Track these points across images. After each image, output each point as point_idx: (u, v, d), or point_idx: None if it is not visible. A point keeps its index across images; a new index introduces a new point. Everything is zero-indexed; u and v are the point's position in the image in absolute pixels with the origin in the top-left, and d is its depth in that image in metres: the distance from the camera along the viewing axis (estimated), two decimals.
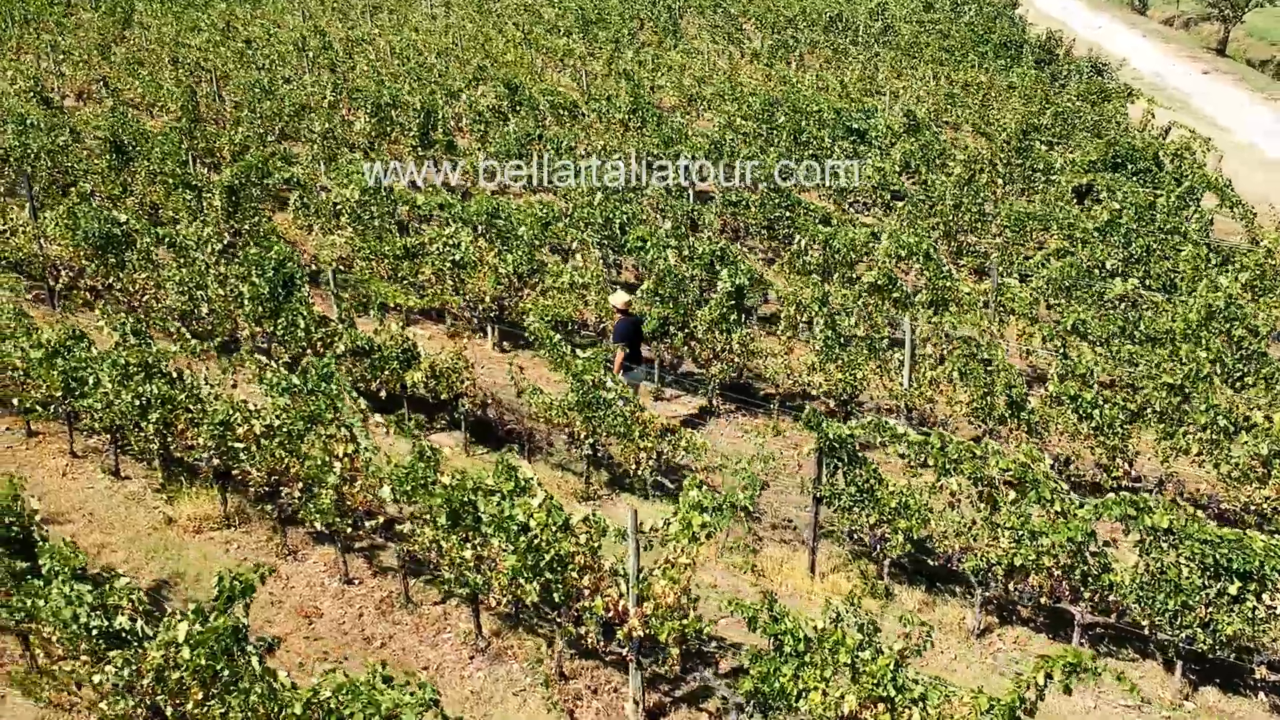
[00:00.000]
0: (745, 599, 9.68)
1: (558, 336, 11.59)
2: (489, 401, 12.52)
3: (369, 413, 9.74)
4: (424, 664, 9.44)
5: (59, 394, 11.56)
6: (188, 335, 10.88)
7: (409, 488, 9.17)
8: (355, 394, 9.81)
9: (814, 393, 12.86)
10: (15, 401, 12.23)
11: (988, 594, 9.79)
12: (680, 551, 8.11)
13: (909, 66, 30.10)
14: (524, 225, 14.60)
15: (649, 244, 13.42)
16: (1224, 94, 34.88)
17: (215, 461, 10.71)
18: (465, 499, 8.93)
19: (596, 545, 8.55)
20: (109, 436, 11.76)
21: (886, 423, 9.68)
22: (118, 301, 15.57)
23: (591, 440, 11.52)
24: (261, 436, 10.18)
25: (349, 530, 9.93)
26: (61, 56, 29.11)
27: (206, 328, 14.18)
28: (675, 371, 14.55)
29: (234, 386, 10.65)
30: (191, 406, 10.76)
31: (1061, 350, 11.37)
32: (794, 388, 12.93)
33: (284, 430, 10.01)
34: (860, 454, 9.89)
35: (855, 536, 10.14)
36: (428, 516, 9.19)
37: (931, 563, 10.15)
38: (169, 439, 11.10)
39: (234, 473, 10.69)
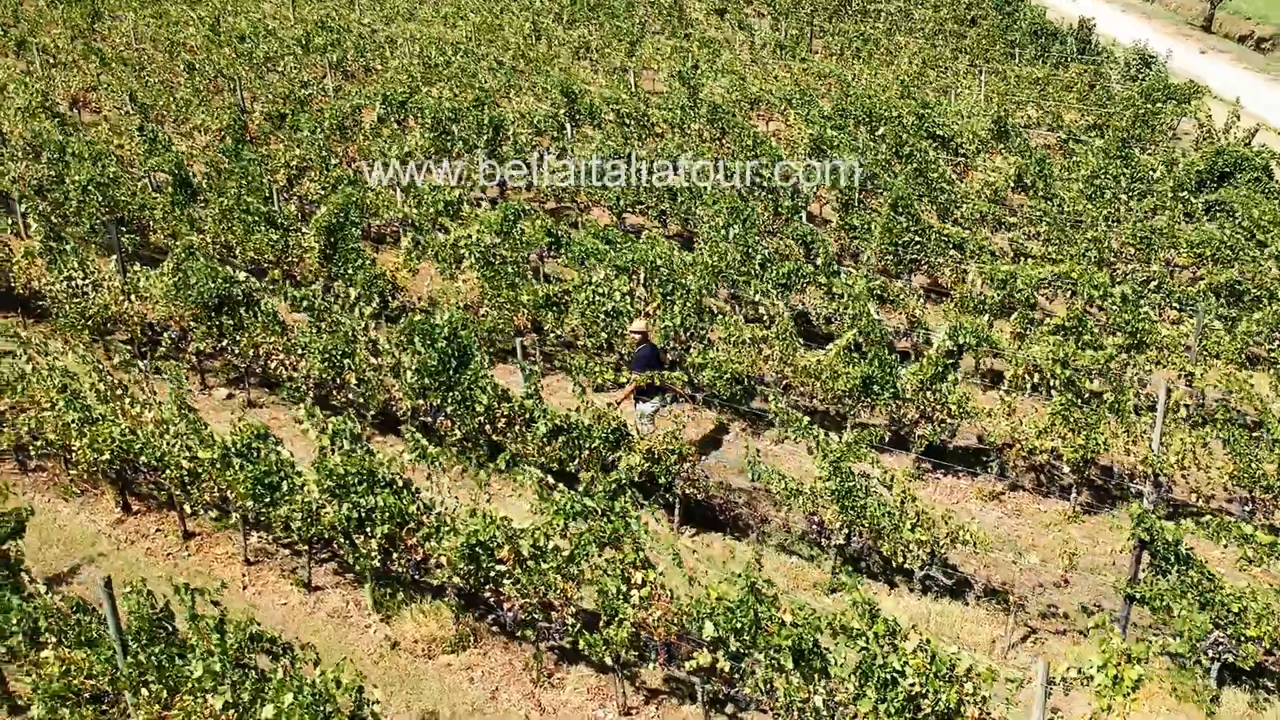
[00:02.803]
0: None
1: (806, 419, 10.59)
2: (713, 488, 11.44)
3: (671, 536, 8.66)
4: None
5: (248, 502, 10.22)
6: (421, 439, 9.60)
7: (739, 625, 8.17)
8: (647, 507, 8.71)
9: (1040, 456, 12.07)
10: (187, 508, 10.88)
11: None
12: (1108, 708, 7.27)
13: (941, 58, 29.33)
14: (691, 274, 13.49)
15: (848, 298, 12.43)
16: (1230, 75, 34.63)
17: (455, 580, 9.53)
18: (813, 639, 8.00)
19: (988, 694, 7.67)
20: (305, 546, 10.48)
21: (1228, 519, 8.92)
22: (232, 367, 14.09)
23: (847, 531, 10.58)
24: (529, 559, 9.04)
25: (645, 664, 8.89)
26: (50, 60, 26.70)
27: (356, 400, 12.87)
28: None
29: (488, 500, 9.45)
30: (425, 519, 9.56)
31: None
32: (1020, 452, 12.10)
33: (561, 553, 8.89)
34: (1189, 551, 9.13)
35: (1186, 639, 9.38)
36: (756, 654, 8.22)
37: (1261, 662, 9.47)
38: (392, 554, 9.88)
39: (484, 595, 9.53)
